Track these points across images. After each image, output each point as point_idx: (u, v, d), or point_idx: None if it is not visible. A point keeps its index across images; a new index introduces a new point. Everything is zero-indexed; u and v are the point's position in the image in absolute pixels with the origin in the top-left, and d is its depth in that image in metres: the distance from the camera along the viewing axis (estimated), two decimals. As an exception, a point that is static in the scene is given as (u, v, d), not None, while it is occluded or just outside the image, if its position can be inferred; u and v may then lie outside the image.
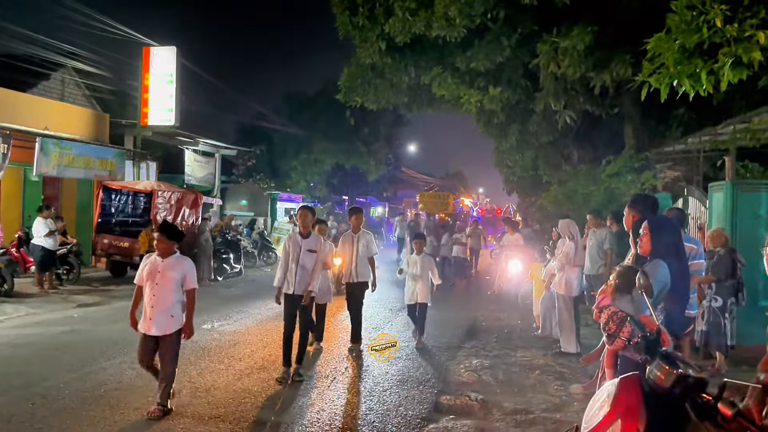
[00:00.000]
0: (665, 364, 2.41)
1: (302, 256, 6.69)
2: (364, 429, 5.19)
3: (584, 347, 7.96)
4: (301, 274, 6.65)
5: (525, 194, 26.35)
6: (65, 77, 18.70)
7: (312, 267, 6.69)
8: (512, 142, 16.43)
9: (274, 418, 5.41)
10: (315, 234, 7.02)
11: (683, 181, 14.80)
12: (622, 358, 3.92)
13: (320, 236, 7.16)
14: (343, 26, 13.41)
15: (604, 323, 3.90)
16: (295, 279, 6.66)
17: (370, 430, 5.15)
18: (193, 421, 5.27)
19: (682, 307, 3.92)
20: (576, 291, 7.87)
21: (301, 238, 6.79)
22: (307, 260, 6.69)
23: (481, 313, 11.25)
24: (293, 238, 6.86)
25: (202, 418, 5.34)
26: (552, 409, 5.69)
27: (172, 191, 15.26)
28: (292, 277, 6.68)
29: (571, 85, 12.53)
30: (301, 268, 6.66)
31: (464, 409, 5.69)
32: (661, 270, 3.70)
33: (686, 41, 6.68)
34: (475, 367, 7.19)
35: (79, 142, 15.39)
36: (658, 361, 2.45)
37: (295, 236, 6.87)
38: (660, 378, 2.41)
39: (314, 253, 6.72)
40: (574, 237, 7.88)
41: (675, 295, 3.81)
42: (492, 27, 12.05)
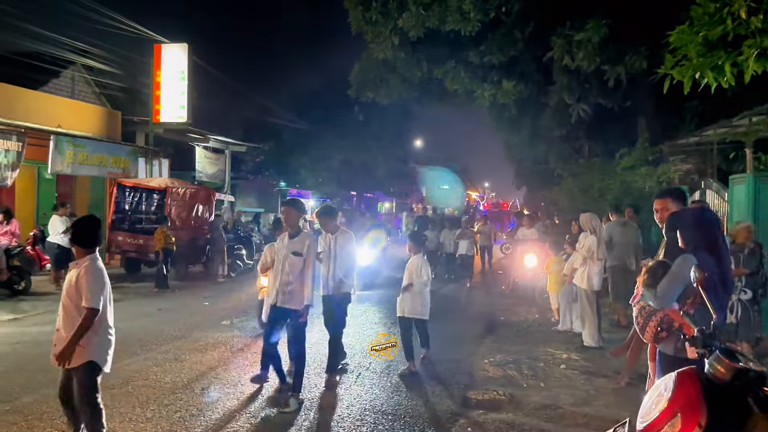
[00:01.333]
0: (725, 358, 2.40)
1: (285, 261, 5.74)
2: (396, 423, 5.19)
3: (606, 341, 7.96)
4: (282, 282, 5.71)
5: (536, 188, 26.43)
6: (75, 74, 18.73)
7: (298, 274, 5.67)
8: (524, 136, 16.43)
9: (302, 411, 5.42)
10: (306, 233, 6.03)
11: (695, 174, 14.76)
12: (659, 352, 3.93)
13: (311, 237, 6.04)
14: (355, 21, 13.42)
15: (635, 317, 3.96)
16: (276, 288, 5.76)
17: (402, 425, 5.16)
18: (223, 417, 5.28)
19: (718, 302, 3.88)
20: (598, 285, 7.85)
21: (288, 239, 5.86)
22: (292, 265, 5.69)
23: (497, 308, 11.24)
24: (281, 238, 6.01)
25: (233, 414, 5.36)
26: (581, 403, 5.69)
27: (186, 188, 15.29)
28: (275, 285, 5.80)
29: (585, 78, 12.50)
30: (283, 274, 5.72)
31: (493, 404, 5.68)
32: (687, 264, 3.68)
33: (710, 33, 6.63)
34: (499, 361, 7.19)
35: (92, 140, 15.43)
36: (717, 355, 2.44)
37: (283, 236, 5.99)
38: (720, 372, 2.39)
39: (299, 257, 5.70)
40: (596, 231, 7.86)
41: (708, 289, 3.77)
42: (505, 20, 12.04)
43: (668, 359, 3.80)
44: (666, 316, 3.71)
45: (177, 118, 17.83)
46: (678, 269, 3.70)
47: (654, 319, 3.75)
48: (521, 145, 17.92)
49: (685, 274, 3.63)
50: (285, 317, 5.78)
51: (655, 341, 3.85)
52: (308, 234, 6.02)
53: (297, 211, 6.04)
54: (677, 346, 3.71)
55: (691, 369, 2.57)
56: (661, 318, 3.73)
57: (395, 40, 12.86)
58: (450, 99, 16.96)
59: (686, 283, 3.63)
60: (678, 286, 3.66)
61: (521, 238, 13.07)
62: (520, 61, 13.19)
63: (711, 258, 3.70)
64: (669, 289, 3.67)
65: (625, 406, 5.63)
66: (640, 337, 4.20)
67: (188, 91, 17.74)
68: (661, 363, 3.89)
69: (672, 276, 3.70)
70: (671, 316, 3.69)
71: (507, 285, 13.65)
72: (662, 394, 2.53)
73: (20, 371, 6.59)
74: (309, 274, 5.69)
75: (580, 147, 18.29)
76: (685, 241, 3.86)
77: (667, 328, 3.72)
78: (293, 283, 5.67)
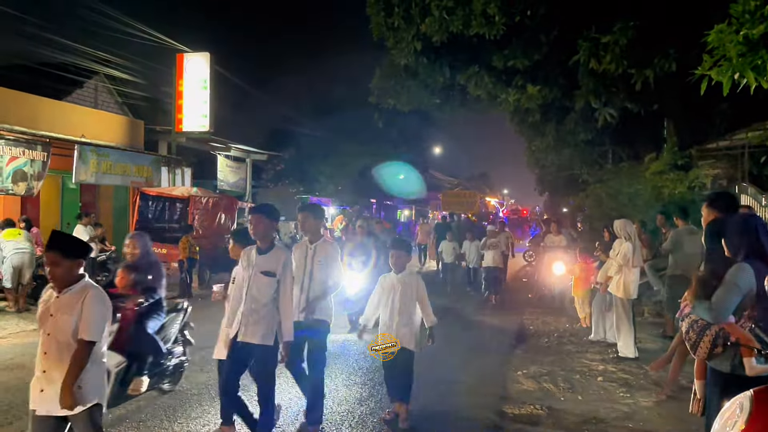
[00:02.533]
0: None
1: (252, 282, 4.60)
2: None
3: (641, 352, 7.72)
4: (247, 310, 4.56)
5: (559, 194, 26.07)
6: (99, 85, 18.87)
7: (269, 300, 4.56)
8: (549, 141, 16.18)
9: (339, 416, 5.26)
10: (280, 247, 4.79)
11: (724, 179, 14.42)
12: (712, 370, 3.69)
13: (287, 253, 4.79)
14: (377, 27, 13.30)
15: (685, 332, 3.66)
16: (239, 317, 4.60)
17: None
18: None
19: None
20: (634, 293, 7.61)
21: (256, 254, 4.68)
22: (261, 289, 4.56)
23: (525, 317, 11.00)
24: (247, 254, 4.75)
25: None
26: (623, 417, 5.47)
27: (209, 197, 15.29)
28: (237, 313, 4.65)
29: (611, 82, 12.26)
30: (248, 299, 4.57)
31: (531, 418, 5.48)
32: (743, 274, 3.46)
33: (751, 32, 6.41)
34: (533, 373, 6.97)
35: (115, 149, 15.49)
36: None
37: (249, 252, 4.74)
38: (805, 392, 2.21)
39: (271, 278, 4.56)
40: (632, 237, 7.63)
41: (761, 300, 3.54)
42: (529, 24, 11.83)
43: (724, 377, 3.54)
44: (722, 330, 3.47)
45: (199, 127, 17.86)
46: (734, 279, 3.45)
47: (709, 334, 3.47)
48: (545, 151, 17.63)
49: (740, 284, 3.41)
50: (249, 355, 4.60)
51: (709, 358, 3.60)
52: (283, 248, 4.80)
53: (315, 219, 5.37)
54: (734, 363, 3.45)
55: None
56: (716, 332, 3.47)
57: (417, 46, 12.69)
58: (472, 105, 16.75)
59: (743, 293, 3.40)
60: (735, 298, 3.41)
61: (549, 245, 12.80)
62: (545, 66, 12.97)
63: (764, 266, 3.48)
64: (725, 301, 3.41)
65: (668, 420, 5.42)
66: (683, 349, 3.97)
67: (210, 100, 17.77)
68: (716, 382, 3.63)
69: (728, 286, 3.45)
70: (728, 330, 3.46)
71: (534, 293, 13.39)
72: (737, 415, 2.33)
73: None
74: (287, 300, 4.62)
75: (606, 152, 18.02)
76: (732, 249, 3.64)
77: (723, 343, 3.48)
78: (261, 312, 4.54)
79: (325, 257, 5.25)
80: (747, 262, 3.48)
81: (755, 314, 3.45)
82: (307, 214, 5.38)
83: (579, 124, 14.63)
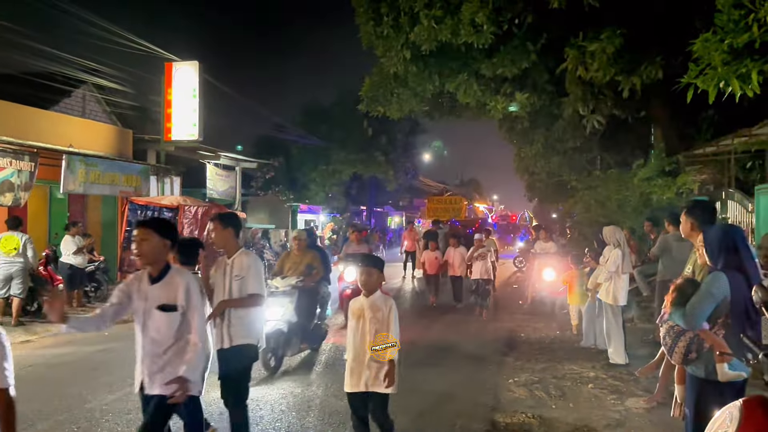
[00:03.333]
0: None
1: (149, 321, 3.71)
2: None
3: (632, 358, 7.75)
4: (147, 354, 3.72)
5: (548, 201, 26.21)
6: (86, 94, 18.78)
7: (173, 339, 3.68)
8: (538, 148, 16.29)
9: None
10: (177, 270, 3.86)
11: (711, 184, 14.56)
12: (689, 375, 3.77)
13: (186, 277, 3.81)
14: (366, 36, 13.35)
15: (662, 337, 3.82)
16: (140, 365, 3.79)
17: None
18: None
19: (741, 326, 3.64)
20: (624, 300, 7.65)
21: (148, 282, 3.75)
22: (159, 329, 3.68)
23: (516, 324, 11.02)
24: (136, 286, 3.80)
25: None
26: (614, 425, 5.48)
27: (198, 206, 15.21)
28: (139, 360, 3.81)
29: (599, 89, 12.38)
30: (146, 342, 3.72)
31: (522, 427, 5.48)
32: (717, 283, 3.53)
33: (735, 41, 6.50)
34: (524, 381, 6.98)
35: (104, 159, 15.40)
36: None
37: (140, 277, 3.81)
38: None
39: (171, 312, 3.68)
40: (621, 244, 7.67)
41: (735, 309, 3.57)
42: (517, 32, 11.93)
43: (700, 382, 3.64)
44: (696, 337, 3.58)
45: (188, 135, 17.79)
46: (709, 287, 3.55)
47: (683, 340, 3.62)
48: (534, 158, 17.76)
49: (714, 292, 3.50)
50: (165, 408, 3.62)
51: (683, 363, 3.70)
52: (181, 272, 3.86)
53: (224, 228, 4.58)
54: (708, 369, 3.58)
55: (758, 397, 2.40)
56: (690, 339, 3.59)
57: (407, 54, 12.75)
58: (461, 112, 16.87)
59: (717, 301, 3.50)
60: (709, 305, 3.51)
61: (539, 251, 12.84)
62: (533, 73, 13.09)
63: (741, 276, 3.55)
64: (699, 308, 3.51)
65: (659, 426, 5.44)
66: None
67: (199, 108, 17.72)
68: (693, 386, 3.72)
69: (702, 294, 3.55)
70: (702, 337, 3.55)
71: (524, 300, 13.42)
72: (727, 425, 2.35)
73: (34, 396, 6.44)
74: (194, 336, 3.70)
75: (594, 158, 18.15)
76: (711, 259, 3.71)
77: (697, 349, 3.57)
78: (166, 356, 3.67)
79: (240, 269, 4.53)
80: (723, 271, 3.55)
81: (729, 322, 3.52)
82: (215, 224, 4.61)
83: (567, 131, 14.75)
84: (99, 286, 13.54)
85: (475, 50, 12.14)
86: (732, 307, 3.49)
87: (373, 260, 4.63)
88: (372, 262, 4.53)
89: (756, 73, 6.40)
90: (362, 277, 4.45)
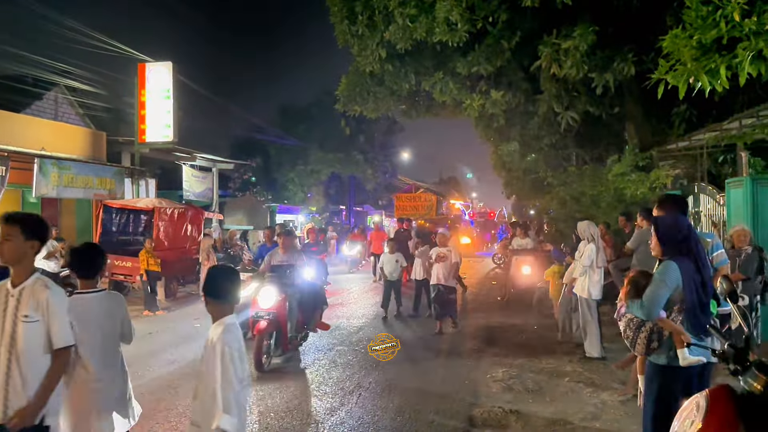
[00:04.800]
0: (762, 374, 2.27)
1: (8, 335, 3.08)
2: (401, 447, 5.01)
3: (608, 351, 7.83)
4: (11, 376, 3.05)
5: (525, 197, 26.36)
6: (59, 96, 18.50)
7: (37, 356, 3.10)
8: (514, 146, 16.38)
9: None
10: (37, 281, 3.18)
11: (684, 178, 14.76)
12: (650, 363, 3.84)
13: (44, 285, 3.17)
14: (341, 35, 13.33)
15: (623, 330, 3.87)
16: None
17: (407, 448, 4.97)
18: None
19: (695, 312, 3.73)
20: (599, 294, 7.73)
21: (10, 289, 3.16)
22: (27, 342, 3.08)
23: (494, 320, 11.07)
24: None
25: None
26: (590, 417, 5.54)
27: (174, 208, 15.06)
28: None
29: (573, 86, 12.48)
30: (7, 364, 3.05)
31: (500, 421, 5.51)
32: (669, 271, 3.62)
33: (704, 37, 6.59)
34: (502, 376, 7.02)
35: (77, 162, 15.18)
36: (753, 371, 2.31)
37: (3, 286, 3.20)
38: (757, 388, 2.27)
39: (33, 323, 3.09)
40: (595, 238, 7.75)
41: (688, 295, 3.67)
42: (492, 30, 11.98)
43: (662, 370, 3.71)
44: (656, 326, 3.66)
45: (163, 137, 17.60)
46: (661, 276, 3.65)
47: (644, 331, 3.70)
48: (510, 155, 17.86)
49: (667, 281, 3.58)
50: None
51: (646, 353, 3.76)
52: (42, 279, 3.22)
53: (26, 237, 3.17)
54: (669, 355, 3.68)
55: (723, 386, 2.44)
56: (650, 329, 3.66)
57: (382, 53, 12.76)
58: (438, 110, 16.89)
59: (671, 289, 3.58)
60: (664, 293, 3.60)
61: (516, 247, 12.93)
62: (508, 71, 13.17)
63: (692, 264, 3.64)
64: (655, 297, 3.59)
65: (635, 418, 5.49)
66: None
67: (173, 109, 17.54)
68: (656, 375, 3.77)
69: (656, 284, 3.64)
70: (661, 325, 3.62)
71: (503, 296, 13.50)
72: (695, 414, 2.39)
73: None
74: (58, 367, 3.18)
75: (570, 155, 18.28)
76: (663, 247, 3.78)
77: (658, 338, 3.64)
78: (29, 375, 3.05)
79: (37, 308, 3.12)
80: (673, 260, 3.63)
81: (684, 308, 3.62)
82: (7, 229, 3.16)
83: (542, 128, 14.84)
84: (73, 290, 13.26)
85: (450, 49, 12.17)
86: (685, 294, 3.60)
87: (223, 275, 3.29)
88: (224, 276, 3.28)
89: (724, 68, 6.48)
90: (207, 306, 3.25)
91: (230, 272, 3.30)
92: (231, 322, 3.14)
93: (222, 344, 2.99)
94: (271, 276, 7.97)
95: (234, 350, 3.00)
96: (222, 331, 3.05)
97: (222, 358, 2.95)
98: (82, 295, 3.64)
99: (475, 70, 12.31)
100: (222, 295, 3.15)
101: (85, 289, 3.67)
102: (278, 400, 6.31)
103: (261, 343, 7.34)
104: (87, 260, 3.75)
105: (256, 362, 7.21)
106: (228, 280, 3.21)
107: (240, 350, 3.06)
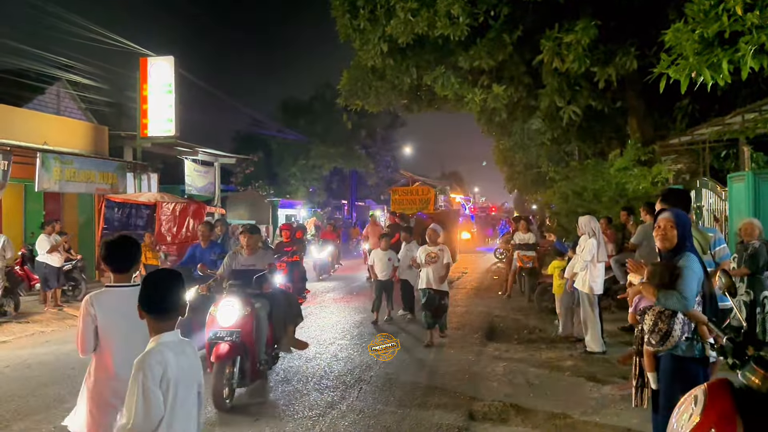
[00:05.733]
0: (760, 368, 2.28)
1: None
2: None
3: (609, 345, 7.85)
4: None
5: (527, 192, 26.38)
6: (61, 91, 18.50)
7: None
8: (516, 140, 16.36)
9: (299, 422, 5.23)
10: None
11: (686, 173, 14.75)
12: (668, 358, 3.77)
13: None
14: (343, 29, 13.33)
15: (652, 324, 3.70)
16: None
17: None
18: None
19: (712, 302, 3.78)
20: (600, 289, 7.73)
21: None
22: None
23: (496, 314, 11.09)
24: None
25: None
26: (590, 412, 5.56)
27: (176, 202, 15.08)
28: None
29: (575, 81, 12.46)
30: None
31: (500, 415, 5.53)
32: (695, 263, 3.63)
33: (706, 31, 6.58)
34: (503, 371, 7.04)
35: (79, 156, 15.20)
36: (751, 365, 2.32)
37: None
38: (755, 382, 2.28)
39: None
40: (596, 233, 7.75)
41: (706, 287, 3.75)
42: (493, 24, 11.96)
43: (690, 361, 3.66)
44: (686, 317, 3.60)
45: (165, 131, 17.61)
46: (691, 266, 3.62)
47: (678, 322, 3.61)
48: (512, 149, 17.85)
49: (696, 270, 3.60)
50: None
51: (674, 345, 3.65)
52: None
53: None
54: (698, 347, 3.66)
55: (721, 380, 2.45)
56: (683, 320, 3.62)
57: (384, 47, 12.75)
58: (440, 105, 16.89)
59: (700, 279, 3.59)
60: (697, 284, 3.60)
61: (518, 242, 12.93)
62: (510, 65, 13.13)
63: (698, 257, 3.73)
64: (693, 288, 3.57)
65: (635, 412, 5.50)
66: None
67: (175, 104, 17.54)
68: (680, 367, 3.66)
69: (690, 275, 3.59)
70: (688, 316, 3.59)
71: (504, 291, 13.51)
72: (692, 408, 2.40)
73: (11, 396, 6.38)
74: None
75: (571, 150, 18.27)
76: (682, 240, 3.79)
77: (689, 329, 3.60)
78: None
79: None
80: (691, 251, 3.69)
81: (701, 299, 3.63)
82: None
83: (544, 122, 14.81)
84: (77, 285, 13.37)
85: (452, 43, 12.16)
86: (704, 285, 3.63)
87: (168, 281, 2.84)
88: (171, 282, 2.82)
89: (726, 62, 6.48)
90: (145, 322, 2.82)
91: (171, 278, 2.77)
92: (168, 340, 2.61)
93: (139, 370, 2.46)
94: (233, 284, 6.34)
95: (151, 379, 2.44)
96: (147, 353, 2.54)
97: (136, 388, 2.43)
98: (116, 288, 3.42)
99: (476, 64, 12.30)
100: (157, 307, 2.66)
101: (119, 282, 3.46)
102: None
103: (222, 372, 5.69)
104: (122, 253, 3.53)
105: (216, 398, 5.63)
106: (166, 288, 2.70)
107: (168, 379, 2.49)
